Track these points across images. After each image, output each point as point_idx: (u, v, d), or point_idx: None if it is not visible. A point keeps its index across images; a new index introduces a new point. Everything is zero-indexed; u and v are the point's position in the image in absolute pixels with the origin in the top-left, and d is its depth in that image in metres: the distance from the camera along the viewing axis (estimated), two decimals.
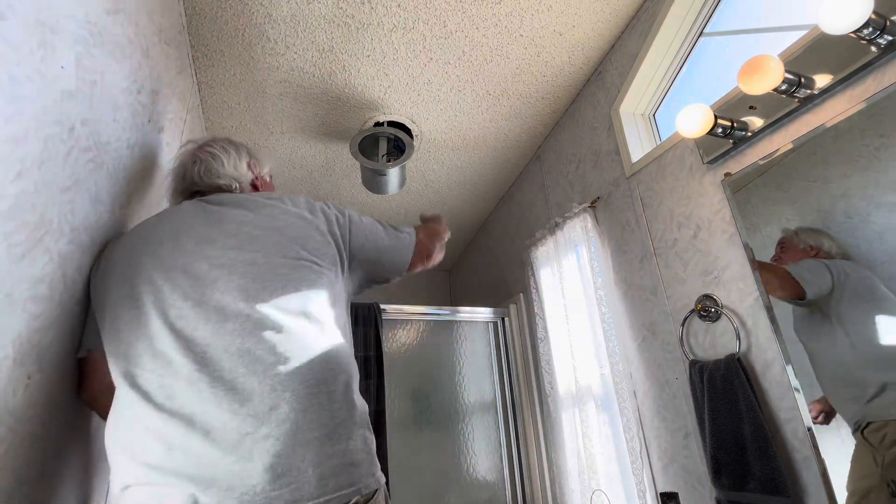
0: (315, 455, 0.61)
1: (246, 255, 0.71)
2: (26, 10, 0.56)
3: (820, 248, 0.99)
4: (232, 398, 0.61)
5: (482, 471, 1.99)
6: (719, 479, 1.13)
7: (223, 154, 0.95)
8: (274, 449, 0.59)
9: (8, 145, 0.53)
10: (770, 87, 0.98)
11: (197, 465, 0.58)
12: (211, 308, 0.66)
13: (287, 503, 0.57)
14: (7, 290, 0.54)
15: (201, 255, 0.71)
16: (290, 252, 0.74)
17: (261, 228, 0.75)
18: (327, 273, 0.77)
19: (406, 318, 2.09)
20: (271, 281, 0.70)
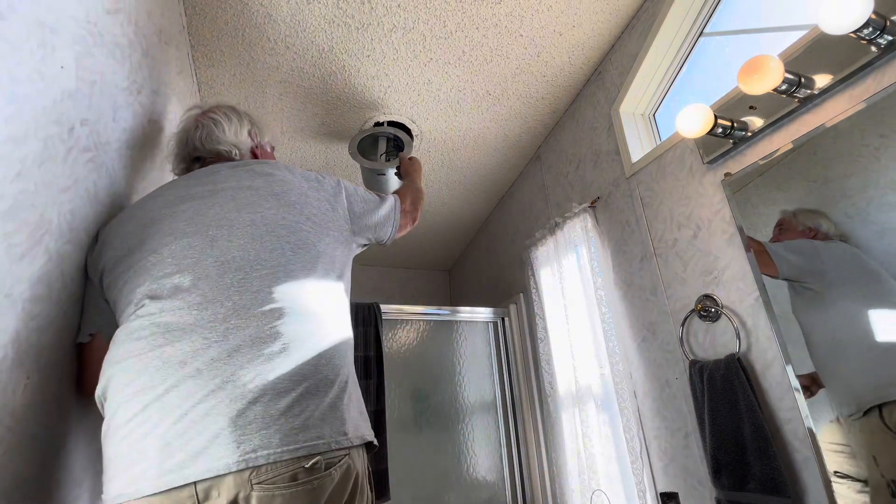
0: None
1: (244, 216, 0.73)
2: (26, 10, 0.56)
3: (818, 229, 1.00)
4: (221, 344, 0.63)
5: (482, 471, 1.99)
6: (719, 479, 1.13)
7: (225, 121, 0.97)
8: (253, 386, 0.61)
9: (8, 145, 0.53)
10: (770, 87, 0.98)
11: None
12: (211, 264, 0.68)
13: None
14: (6, 290, 0.54)
15: (201, 221, 0.73)
16: (289, 216, 0.76)
17: (258, 193, 0.77)
18: (325, 237, 0.79)
19: (406, 318, 2.09)
20: (269, 241, 0.72)
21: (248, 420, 0.58)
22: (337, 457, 0.62)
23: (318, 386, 0.64)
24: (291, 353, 0.64)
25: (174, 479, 0.55)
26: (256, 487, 0.56)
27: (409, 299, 3.31)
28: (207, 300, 0.65)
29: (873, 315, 0.89)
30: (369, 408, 1.75)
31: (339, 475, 0.61)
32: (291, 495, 0.57)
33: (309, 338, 0.67)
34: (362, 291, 3.22)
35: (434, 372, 2.07)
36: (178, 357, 0.61)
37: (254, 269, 0.68)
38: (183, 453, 0.56)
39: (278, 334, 0.65)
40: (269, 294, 0.67)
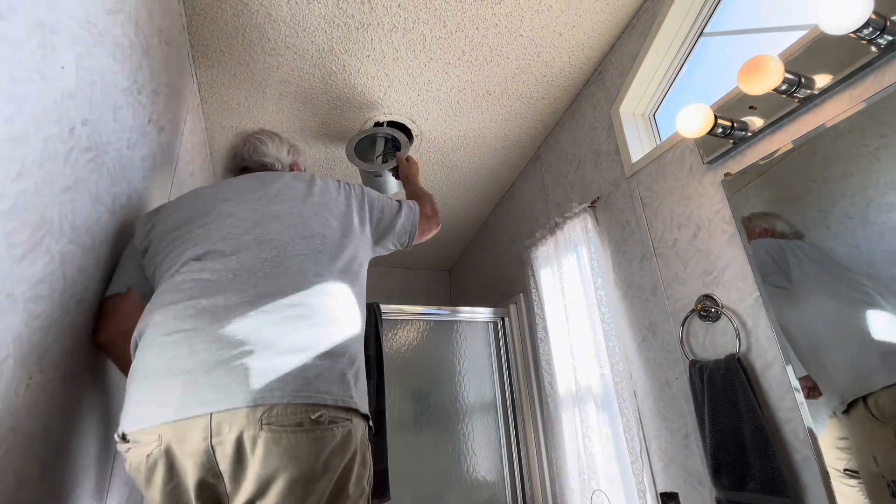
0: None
1: (286, 207, 0.86)
2: (26, 10, 0.56)
3: (773, 229, 1.06)
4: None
5: (482, 471, 1.99)
6: (719, 479, 1.13)
7: (269, 140, 1.12)
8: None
9: (8, 145, 0.53)
10: (770, 87, 0.98)
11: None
12: (251, 240, 0.79)
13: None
14: (8, 290, 0.54)
15: (247, 207, 0.86)
16: (322, 214, 0.88)
17: (298, 193, 0.90)
18: (352, 237, 0.90)
19: (406, 318, 2.09)
20: (304, 231, 0.83)
21: (266, 367, 0.65)
22: (340, 417, 0.68)
23: (333, 353, 0.71)
24: (312, 322, 0.72)
25: (194, 409, 0.62)
26: (265, 427, 0.61)
27: (409, 299, 3.31)
28: (243, 267, 0.75)
29: (844, 309, 0.91)
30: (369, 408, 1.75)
31: (341, 435, 0.67)
32: (297, 439, 0.63)
33: (330, 313, 0.75)
34: None
35: (434, 372, 2.07)
36: (210, 309, 0.69)
37: (287, 250, 0.79)
38: (205, 388, 0.63)
39: (302, 304, 0.73)
40: (298, 272, 0.76)
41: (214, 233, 0.81)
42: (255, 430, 0.61)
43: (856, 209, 0.94)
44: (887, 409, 0.76)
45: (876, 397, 0.79)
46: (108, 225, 0.83)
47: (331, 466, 0.65)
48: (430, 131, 1.98)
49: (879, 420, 0.77)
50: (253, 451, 0.62)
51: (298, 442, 0.63)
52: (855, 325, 0.88)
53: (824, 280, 0.95)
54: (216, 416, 0.61)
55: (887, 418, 0.76)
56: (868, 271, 0.91)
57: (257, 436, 0.61)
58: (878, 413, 0.78)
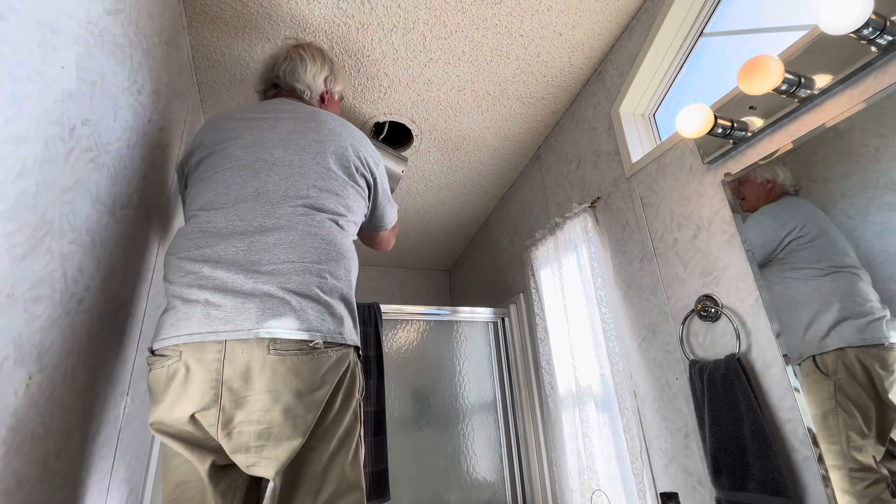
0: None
1: (288, 155, 0.92)
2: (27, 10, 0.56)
3: (775, 180, 1.07)
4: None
5: (482, 471, 1.99)
6: (719, 479, 1.13)
7: (310, 61, 1.15)
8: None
9: (9, 145, 0.53)
10: (770, 87, 0.98)
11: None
12: (250, 193, 0.87)
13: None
14: (8, 290, 0.54)
15: (254, 150, 0.93)
16: (324, 161, 0.94)
17: (305, 137, 0.96)
18: (349, 187, 0.96)
19: (406, 318, 2.09)
20: (301, 181, 0.90)
21: (268, 306, 0.75)
22: (336, 343, 0.80)
23: (326, 293, 0.81)
24: (304, 267, 0.80)
25: (213, 335, 0.73)
26: (272, 352, 0.73)
27: (409, 299, 3.31)
28: (241, 218, 0.84)
29: (818, 282, 0.98)
30: (369, 408, 1.75)
31: (336, 356, 0.79)
32: (299, 360, 0.74)
33: (322, 259, 0.83)
34: (362, 291, 3.22)
35: (434, 372, 2.07)
36: (214, 257, 0.79)
37: (282, 201, 0.86)
38: (220, 321, 0.74)
39: (294, 252, 0.81)
40: (291, 221, 0.84)
41: (221, 183, 0.89)
42: (264, 354, 0.73)
43: (856, 209, 0.94)
44: (829, 367, 0.95)
45: (824, 357, 0.96)
46: (108, 225, 0.83)
47: (327, 381, 0.77)
48: (431, 131, 1.98)
49: (823, 373, 0.96)
50: (262, 371, 0.72)
51: (300, 361, 0.74)
52: (819, 296, 0.98)
53: (814, 243, 1.00)
54: (230, 343, 0.73)
55: (829, 373, 0.95)
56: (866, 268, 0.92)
57: (265, 359, 0.72)
58: (823, 368, 0.96)
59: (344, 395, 0.81)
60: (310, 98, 1.16)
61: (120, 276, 0.91)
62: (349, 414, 0.82)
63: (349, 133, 1.02)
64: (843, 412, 0.92)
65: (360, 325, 1.87)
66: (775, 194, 1.07)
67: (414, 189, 2.38)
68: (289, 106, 1.03)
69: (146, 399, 1.15)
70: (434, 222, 2.74)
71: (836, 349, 0.93)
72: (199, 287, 0.77)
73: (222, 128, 0.98)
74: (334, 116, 1.05)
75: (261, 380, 0.72)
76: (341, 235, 0.89)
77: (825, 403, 0.95)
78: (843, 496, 0.92)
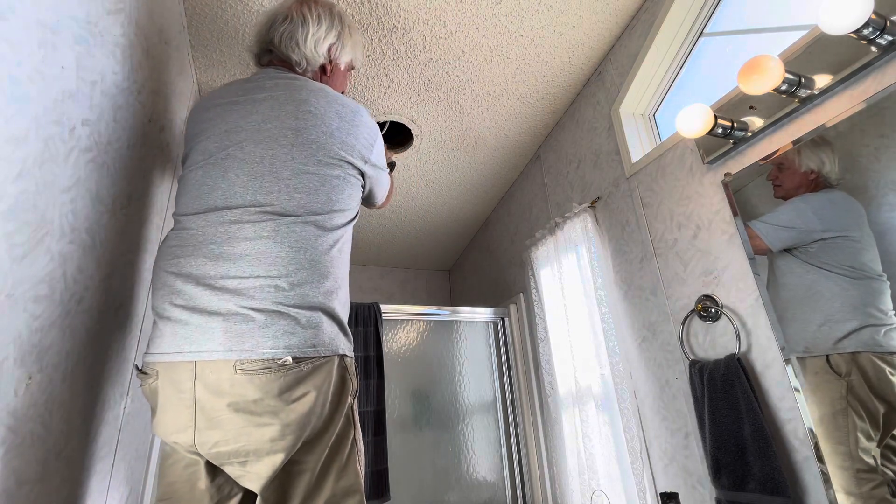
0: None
1: (260, 150, 0.84)
2: (27, 10, 0.56)
3: (820, 171, 1.00)
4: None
5: (482, 471, 1.99)
6: (719, 479, 1.13)
7: (313, 24, 0.99)
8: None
9: (9, 145, 0.53)
10: (770, 87, 0.98)
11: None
12: (219, 197, 0.81)
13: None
14: (8, 290, 0.54)
15: (227, 142, 0.85)
16: (300, 156, 0.84)
17: (281, 126, 0.85)
18: (327, 182, 0.85)
19: (406, 318, 2.09)
20: (270, 182, 0.81)
21: (231, 325, 0.72)
22: (308, 357, 0.75)
23: (295, 305, 0.76)
24: (269, 282, 0.75)
25: (181, 355, 0.72)
26: (240, 372, 0.70)
27: (409, 299, 3.31)
28: (210, 224, 0.78)
29: (829, 282, 0.97)
30: (369, 408, 1.75)
31: (310, 369, 0.75)
32: (268, 378, 0.71)
33: (291, 270, 0.77)
34: (362, 291, 3.22)
35: (434, 372, 2.07)
36: (185, 270, 0.76)
37: (250, 206, 0.79)
38: (186, 340, 0.72)
39: (260, 265, 0.76)
40: (257, 230, 0.77)
41: (193, 184, 0.84)
42: (231, 373, 0.70)
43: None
44: (843, 368, 0.94)
45: (837, 357, 0.95)
46: (108, 225, 0.83)
47: (303, 396, 0.74)
48: (431, 131, 1.98)
49: (836, 373, 0.95)
50: (231, 391, 0.70)
51: (269, 380, 0.71)
52: (846, 298, 0.95)
53: (844, 239, 0.97)
54: (200, 363, 0.71)
55: (843, 374, 0.94)
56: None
57: (233, 379, 0.70)
58: (836, 368, 0.95)
59: (331, 404, 0.78)
60: (305, 70, 1.00)
61: (120, 275, 0.91)
62: (340, 421, 0.79)
63: (336, 113, 0.88)
64: (853, 413, 0.91)
65: (361, 325, 1.87)
66: (818, 185, 1.00)
67: (414, 189, 2.38)
68: (269, 82, 0.90)
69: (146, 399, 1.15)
70: (434, 222, 2.74)
71: (852, 352, 0.92)
72: (171, 303, 0.75)
73: (202, 118, 0.91)
74: (321, 92, 0.90)
75: (231, 400, 0.70)
76: (318, 238, 0.81)
77: (836, 403, 0.94)
78: (847, 497, 0.92)
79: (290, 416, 0.72)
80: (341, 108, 0.90)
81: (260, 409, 0.71)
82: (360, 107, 0.95)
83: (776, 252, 1.07)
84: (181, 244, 0.79)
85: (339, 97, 0.92)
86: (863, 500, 0.89)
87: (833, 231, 0.96)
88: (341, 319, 0.83)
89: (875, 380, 0.88)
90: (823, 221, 0.98)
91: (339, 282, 0.83)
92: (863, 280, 0.92)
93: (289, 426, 0.72)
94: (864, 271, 0.91)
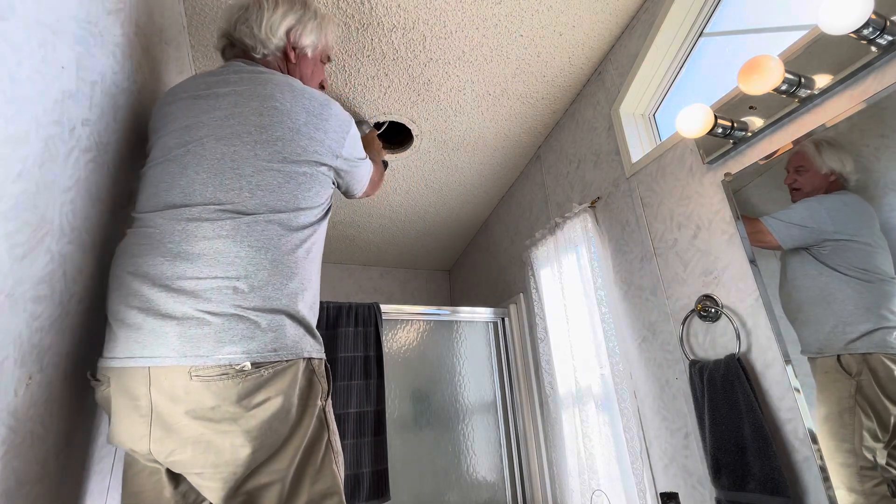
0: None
1: (220, 148, 0.80)
2: (27, 10, 0.56)
3: (841, 173, 0.98)
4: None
5: (482, 471, 1.99)
6: (719, 479, 1.13)
7: (269, 8, 0.95)
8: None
9: (9, 145, 0.53)
10: (770, 87, 0.98)
11: None
12: (177, 194, 0.77)
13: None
14: (8, 290, 0.54)
15: (187, 139, 0.81)
16: (263, 153, 0.80)
17: (243, 123, 0.81)
18: (292, 180, 0.82)
19: (406, 318, 2.09)
20: (231, 181, 0.78)
21: (186, 329, 0.68)
22: (269, 361, 0.71)
23: (254, 308, 0.72)
24: (226, 283, 0.72)
25: (133, 360, 0.68)
26: (195, 378, 0.67)
27: (409, 299, 3.31)
28: (168, 221, 0.75)
29: (843, 284, 0.97)
30: (369, 408, 1.75)
31: (271, 374, 0.71)
32: (224, 384, 0.68)
33: (250, 272, 0.73)
34: (362, 291, 3.22)
35: (434, 372, 2.07)
36: (141, 270, 0.72)
37: (210, 204, 0.75)
38: (139, 345, 0.68)
39: (217, 266, 0.72)
40: (216, 229, 0.74)
41: (150, 183, 0.80)
42: (186, 379, 0.67)
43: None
44: (854, 367, 0.94)
45: (848, 357, 0.95)
46: (108, 225, 0.83)
47: (264, 402, 0.70)
48: (431, 131, 1.98)
49: (847, 372, 0.95)
50: (187, 399, 0.67)
51: (226, 387, 0.68)
52: (860, 300, 0.95)
53: (857, 243, 0.97)
54: (154, 369, 0.68)
55: (853, 373, 0.95)
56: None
57: (188, 386, 0.67)
58: (847, 367, 0.95)
59: (298, 408, 0.74)
60: (265, 58, 0.96)
61: None
62: (310, 425, 0.76)
63: (303, 108, 0.84)
64: (860, 412, 0.92)
65: (361, 325, 1.87)
66: (835, 187, 0.99)
67: (414, 189, 2.38)
68: (233, 76, 0.86)
69: None
70: (434, 222, 2.74)
71: (864, 353, 0.93)
72: (126, 305, 0.70)
73: (164, 112, 0.87)
74: (288, 86, 0.86)
75: (187, 407, 0.67)
76: (282, 237, 0.77)
77: (843, 402, 0.95)
78: (849, 494, 0.92)
79: (251, 422, 0.69)
80: (309, 102, 0.86)
81: (218, 416, 0.68)
82: (330, 99, 0.90)
83: (786, 250, 1.07)
84: (138, 242, 0.75)
85: (308, 91, 0.88)
86: (865, 496, 0.90)
87: (845, 233, 0.96)
88: (308, 321, 0.79)
89: (886, 380, 0.89)
90: (836, 223, 0.98)
91: (305, 283, 0.79)
92: (875, 282, 0.91)
93: (250, 433, 0.68)
94: (878, 273, 0.91)
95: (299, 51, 1.00)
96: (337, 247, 2.92)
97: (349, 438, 1.67)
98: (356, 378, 1.76)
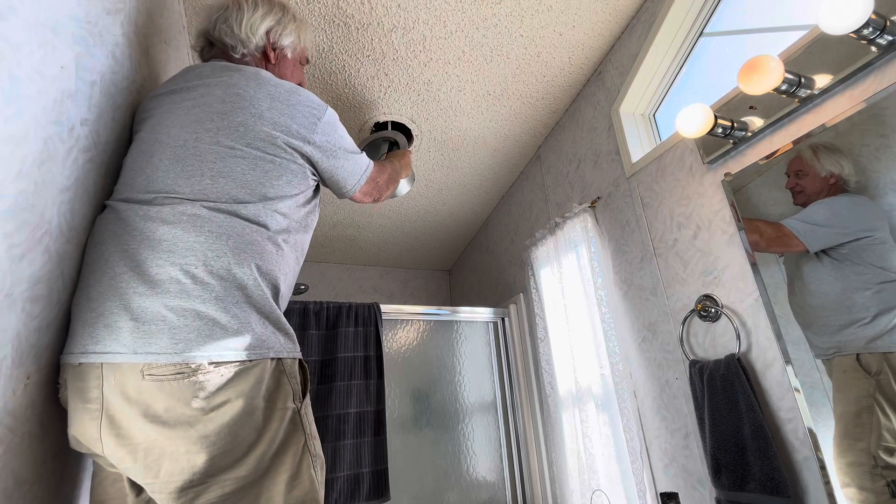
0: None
1: (184, 134, 0.79)
2: (27, 10, 0.56)
3: (840, 174, 0.98)
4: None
5: (482, 471, 1.99)
6: (719, 479, 1.13)
7: (249, 9, 0.96)
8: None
9: (8, 145, 0.53)
10: (770, 87, 0.98)
11: None
12: (142, 183, 0.76)
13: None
14: (7, 290, 0.54)
15: (160, 133, 0.80)
16: (225, 140, 0.79)
17: (207, 111, 0.81)
18: (258, 169, 0.80)
19: (406, 318, 2.09)
20: (193, 167, 0.76)
21: (139, 325, 0.65)
22: (226, 361, 0.67)
23: (213, 302, 0.69)
24: (185, 273, 0.68)
25: (84, 356, 0.64)
26: (147, 377, 0.63)
27: (409, 299, 3.31)
28: (130, 211, 0.73)
29: (857, 285, 0.96)
30: (369, 408, 1.75)
31: (230, 375, 0.67)
32: (179, 384, 0.64)
33: (208, 261, 0.70)
34: (362, 291, 3.22)
35: (434, 372, 2.07)
36: (102, 258, 0.70)
37: (171, 192, 0.74)
38: (91, 340, 0.65)
39: (174, 255, 0.69)
40: (176, 216, 0.71)
41: (126, 176, 0.78)
42: (139, 379, 0.63)
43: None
44: (873, 366, 0.93)
45: (867, 356, 0.94)
46: None
47: (223, 404, 0.66)
48: (431, 131, 1.98)
49: (866, 371, 0.94)
50: (139, 399, 0.63)
51: (181, 387, 0.64)
52: (880, 300, 0.94)
53: (876, 259, 0.97)
54: (105, 366, 0.64)
55: (873, 372, 0.93)
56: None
57: (140, 386, 0.63)
58: (866, 366, 0.94)
59: (265, 411, 0.70)
60: (244, 57, 0.96)
61: None
62: (281, 428, 0.71)
63: (267, 94, 0.83)
64: (879, 411, 0.92)
65: (360, 325, 1.87)
66: (835, 189, 0.99)
67: (414, 189, 2.38)
68: (207, 70, 0.86)
69: None
70: (434, 222, 2.74)
71: (885, 352, 0.92)
72: (86, 297, 0.67)
73: (143, 107, 0.87)
74: (254, 75, 0.85)
75: (139, 409, 0.63)
76: (246, 226, 0.75)
77: (861, 401, 0.94)
78: (860, 492, 0.92)
79: (209, 426, 0.64)
80: (274, 88, 0.84)
81: (172, 419, 0.63)
82: (300, 88, 0.88)
83: (812, 252, 1.03)
84: (101, 230, 0.73)
85: (275, 80, 0.86)
86: (875, 494, 0.89)
87: (862, 232, 0.95)
88: (277, 318, 0.75)
89: None
90: (857, 221, 0.96)
91: (275, 277, 0.76)
92: (893, 281, 0.91)
93: (207, 438, 0.64)
94: (895, 271, 0.91)
95: (279, 51, 1.00)
96: (337, 247, 2.92)
97: (349, 438, 1.67)
98: (356, 378, 1.76)
